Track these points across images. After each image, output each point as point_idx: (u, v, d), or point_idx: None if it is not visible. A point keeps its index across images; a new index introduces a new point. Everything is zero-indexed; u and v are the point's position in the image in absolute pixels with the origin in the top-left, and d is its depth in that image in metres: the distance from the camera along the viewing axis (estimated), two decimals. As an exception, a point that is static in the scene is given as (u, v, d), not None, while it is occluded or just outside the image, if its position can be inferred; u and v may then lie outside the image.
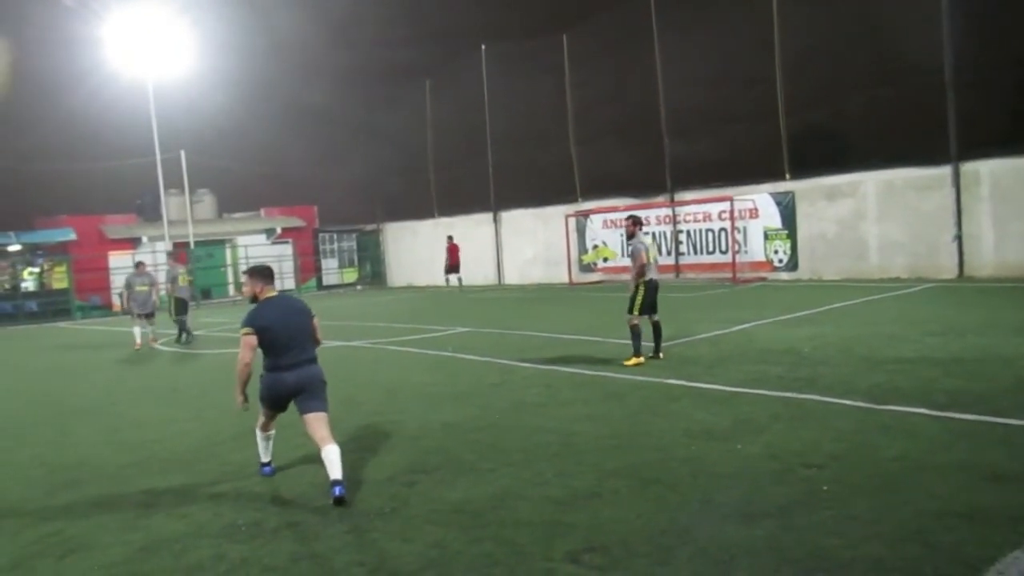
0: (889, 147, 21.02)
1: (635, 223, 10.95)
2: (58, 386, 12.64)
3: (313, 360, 6.26)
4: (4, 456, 7.93)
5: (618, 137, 27.23)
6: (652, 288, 10.60)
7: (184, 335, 17.53)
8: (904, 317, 13.56)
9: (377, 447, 7.16)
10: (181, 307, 17.71)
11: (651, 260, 10.64)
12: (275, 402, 6.26)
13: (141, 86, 30.10)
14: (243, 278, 6.49)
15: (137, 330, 16.88)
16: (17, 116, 33.45)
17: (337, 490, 5.63)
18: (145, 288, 17.13)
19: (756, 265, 24.33)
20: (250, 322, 6.11)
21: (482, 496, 5.62)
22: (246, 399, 6.24)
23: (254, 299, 6.29)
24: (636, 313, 10.50)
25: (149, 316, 17.06)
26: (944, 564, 4.08)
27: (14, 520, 5.87)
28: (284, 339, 6.09)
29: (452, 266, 29.54)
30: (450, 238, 30.39)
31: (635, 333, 10.50)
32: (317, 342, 6.38)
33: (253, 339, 6.06)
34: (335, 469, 5.71)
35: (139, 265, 18.00)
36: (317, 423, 6.03)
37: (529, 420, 7.82)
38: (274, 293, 6.35)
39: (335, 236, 37.74)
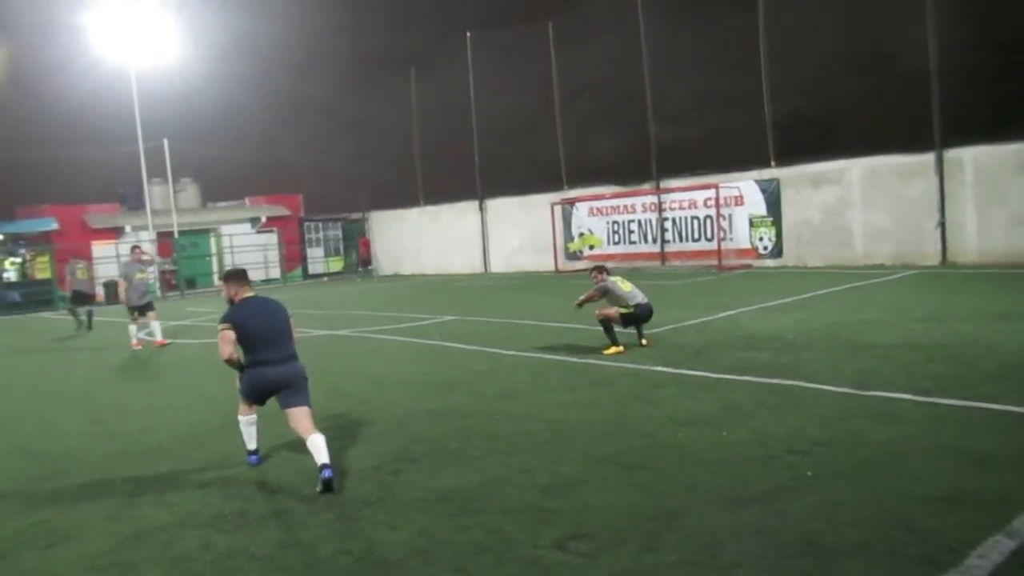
0: (874, 134, 21.14)
1: (599, 271, 11.10)
2: (42, 376, 12.55)
3: (293, 357, 6.29)
4: (-13, 447, 7.87)
5: (604, 125, 27.24)
6: (645, 310, 10.68)
7: (83, 323, 18.70)
8: (888, 303, 13.65)
9: (363, 435, 7.15)
10: (80, 299, 18.98)
11: (630, 289, 10.73)
12: (256, 397, 6.30)
13: (124, 74, 29.81)
14: (221, 283, 6.55)
15: (134, 328, 14.85)
16: (-3, 104, 33.07)
17: (326, 472, 5.63)
18: (144, 275, 15.34)
19: (741, 252, 24.43)
20: (227, 318, 6.20)
21: (469, 484, 5.62)
22: (243, 368, 6.25)
23: (231, 302, 6.41)
24: (616, 314, 10.57)
25: (146, 309, 15.04)
26: (927, 548, 4.11)
27: (-2, 511, 5.83)
28: (263, 336, 6.15)
29: (367, 258, 35.68)
30: (364, 235, 36.43)
31: (607, 326, 10.54)
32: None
33: (230, 333, 6.11)
34: (322, 454, 5.73)
35: (135, 250, 15.85)
36: (301, 416, 6.06)
37: (516, 408, 7.83)
38: (251, 294, 6.44)
39: (320, 225, 37.56)
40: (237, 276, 6.58)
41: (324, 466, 5.66)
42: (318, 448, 5.76)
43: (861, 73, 21.01)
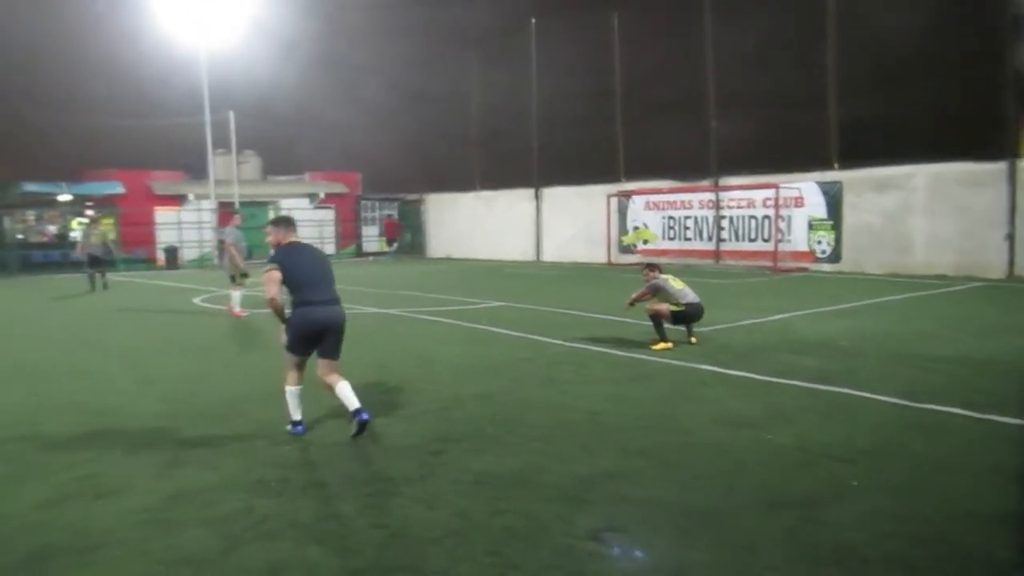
0: (943, 140, 20.49)
1: (651, 268, 11.00)
2: (98, 335, 12.91)
3: (337, 300, 6.53)
4: (45, 399, 8.14)
5: (664, 118, 26.94)
6: (696, 310, 10.57)
7: (95, 284, 20.37)
8: (947, 315, 13.30)
9: (407, 414, 7.23)
10: (93, 262, 20.52)
11: (681, 287, 10.64)
12: (305, 340, 6.42)
13: (194, 47, 30.38)
14: (267, 228, 6.73)
15: (237, 295, 14.94)
16: (72, 71, 34.02)
17: (364, 415, 6.17)
18: (245, 245, 15.56)
19: (798, 255, 24.02)
20: (273, 259, 6.45)
21: (507, 469, 5.65)
22: (284, 320, 6.48)
23: (276, 246, 6.64)
24: (667, 311, 10.48)
25: (244, 275, 15.10)
26: (970, 567, 4.02)
27: (51, 460, 6.03)
28: (308, 277, 6.38)
29: (391, 238, 37.27)
30: (390, 216, 37.73)
31: (656, 321, 10.45)
32: None
33: (277, 274, 6.33)
34: (354, 400, 6.25)
35: (235, 216, 15.83)
36: (330, 367, 6.45)
37: (557, 397, 7.83)
38: (296, 239, 6.69)
39: (377, 204, 37.91)
40: (284, 222, 6.83)
41: (359, 410, 6.14)
42: (347, 395, 6.26)
43: (932, 75, 20.42)
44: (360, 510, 4.93)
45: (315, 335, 6.38)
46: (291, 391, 6.55)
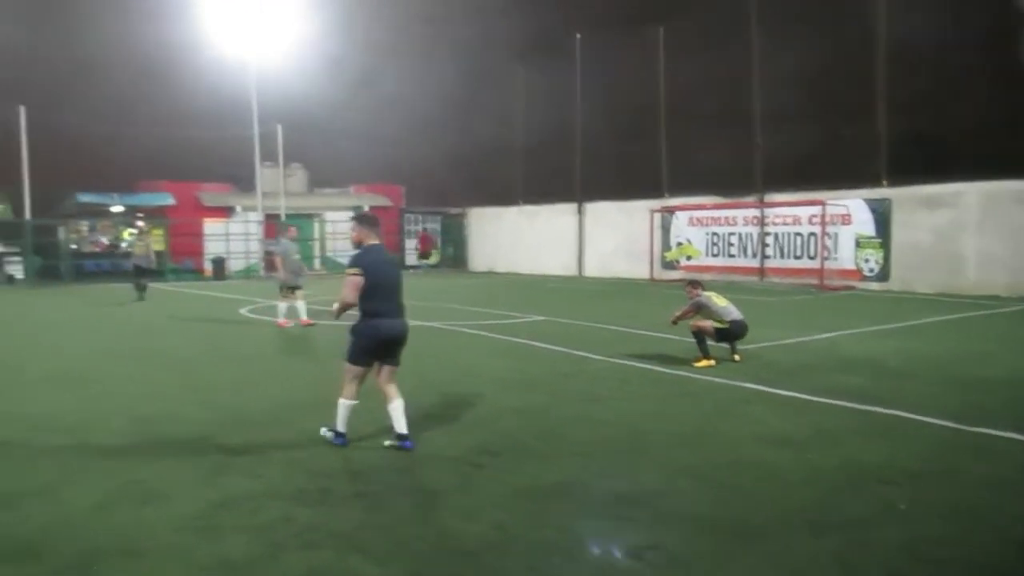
0: (996, 157, 20.03)
1: (693, 285, 10.94)
2: (146, 343, 13.14)
3: (403, 311, 6.64)
4: (95, 405, 8.32)
5: (709, 133, 26.76)
6: (740, 327, 10.48)
7: (143, 293, 20.96)
8: (999, 336, 12.98)
9: (448, 426, 7.25)
10: (139, 272, 21.30)
11: (725, 304, 10.55)
12: (372, 351, 6.47)
13: (243, 61, 31.00)
14: (351, 224, 6.75)
15: (283, 306, 14.93)
16: (125, 84, 34.91)
17: (408, 444, 6.36)
18: (298, 257, 15.55)
19: (844, 273, 23.65)
20: (358, 261, 6.38)
21: (547, 483, 5.63)
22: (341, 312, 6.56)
23: (358, 244, 6.60)
24: (711, 328, 10.38)
25: (296, 288, 14.95)
26: (1023, 595, 3.91)
27: (99, 465, 6.15)
28: (383, 285, 6.41)
29: (424, 252, 37.09)
30: (424, 228, 37.59)
31: (700, 338, 10.36)
32: None
33: (360, 280, 6.29)
34: (403, 424, 6.41)
35: (290, 229, 16.02)
36: (391, 376, 6.57)
37: (599, 413, 7.79)
38: (376, 242, 6.65)
39: (420, 217, 38.17)
40: (370, 221, 6.74)
41: (405, 437, 6.38)
42: (399, 417, 6.41)
43: (984, 89, 20.01)
44: (401, 520, 4.95)
45: (381, 347, 6.45)
46: (345, 404, 6.54)
